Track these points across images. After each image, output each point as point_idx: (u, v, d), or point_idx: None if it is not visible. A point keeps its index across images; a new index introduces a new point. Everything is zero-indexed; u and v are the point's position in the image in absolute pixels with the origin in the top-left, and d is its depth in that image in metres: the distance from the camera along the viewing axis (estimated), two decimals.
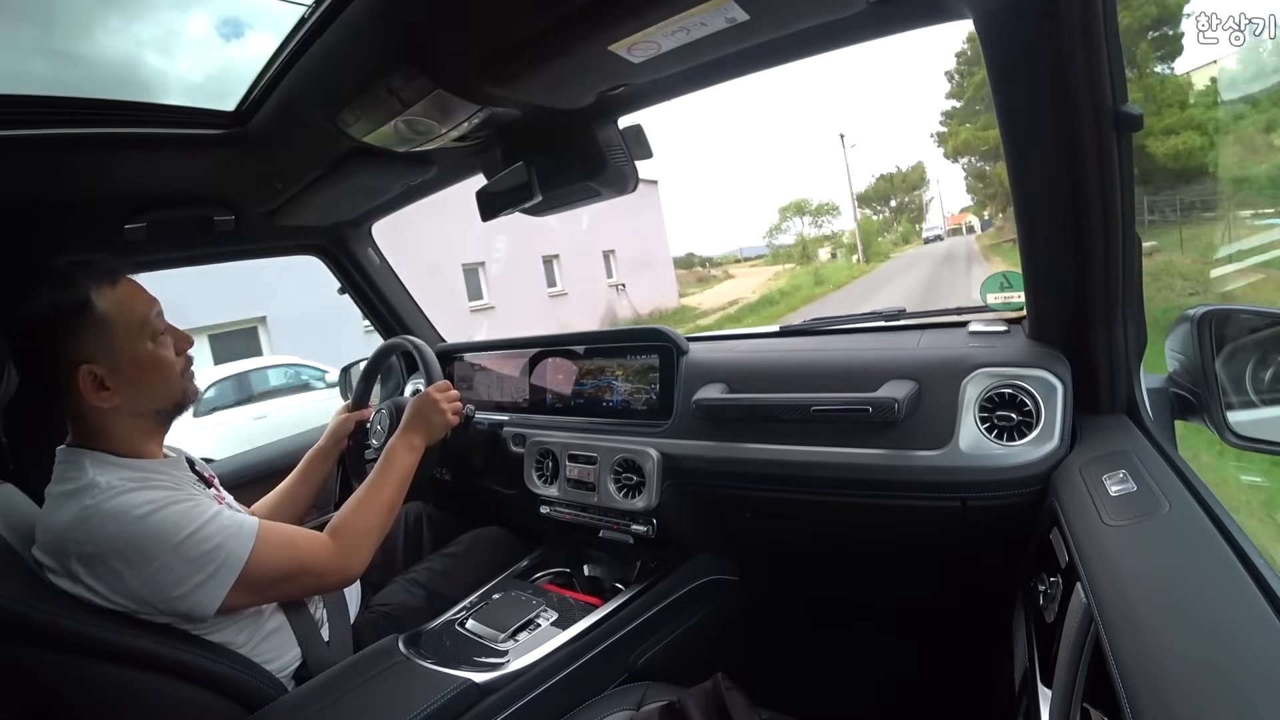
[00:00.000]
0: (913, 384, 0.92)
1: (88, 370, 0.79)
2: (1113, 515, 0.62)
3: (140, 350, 0.84)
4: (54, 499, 0.79)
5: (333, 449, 1.33)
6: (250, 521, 0.85)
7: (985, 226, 33.48)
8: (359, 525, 0.96)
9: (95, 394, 0.80)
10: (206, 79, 1.11)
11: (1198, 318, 0.79)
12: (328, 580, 0.94)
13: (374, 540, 0.97)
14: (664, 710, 0.82)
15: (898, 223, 37.61)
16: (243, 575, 0.80)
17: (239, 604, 0.82)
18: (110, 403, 0.81)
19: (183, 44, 1.44)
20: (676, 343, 1.22)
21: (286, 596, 0.93)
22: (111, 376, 0.81)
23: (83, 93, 0.87)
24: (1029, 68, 0.68)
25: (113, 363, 0.81)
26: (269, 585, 0.86)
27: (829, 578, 1.30)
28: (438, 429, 1.14)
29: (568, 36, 0.67)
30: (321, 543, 0.91)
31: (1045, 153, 0.73)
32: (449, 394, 1.18)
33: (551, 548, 1.37)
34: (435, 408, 1.14)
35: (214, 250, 1.41)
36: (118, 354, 0.82)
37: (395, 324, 1.75)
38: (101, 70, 1.06)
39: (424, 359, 1.28)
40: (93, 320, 0.80)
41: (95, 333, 0.80)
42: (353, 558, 0.93)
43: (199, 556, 0.78)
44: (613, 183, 0.98)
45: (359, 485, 1.35)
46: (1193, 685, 0.41)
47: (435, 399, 1.15)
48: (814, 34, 0.74)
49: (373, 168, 1.08)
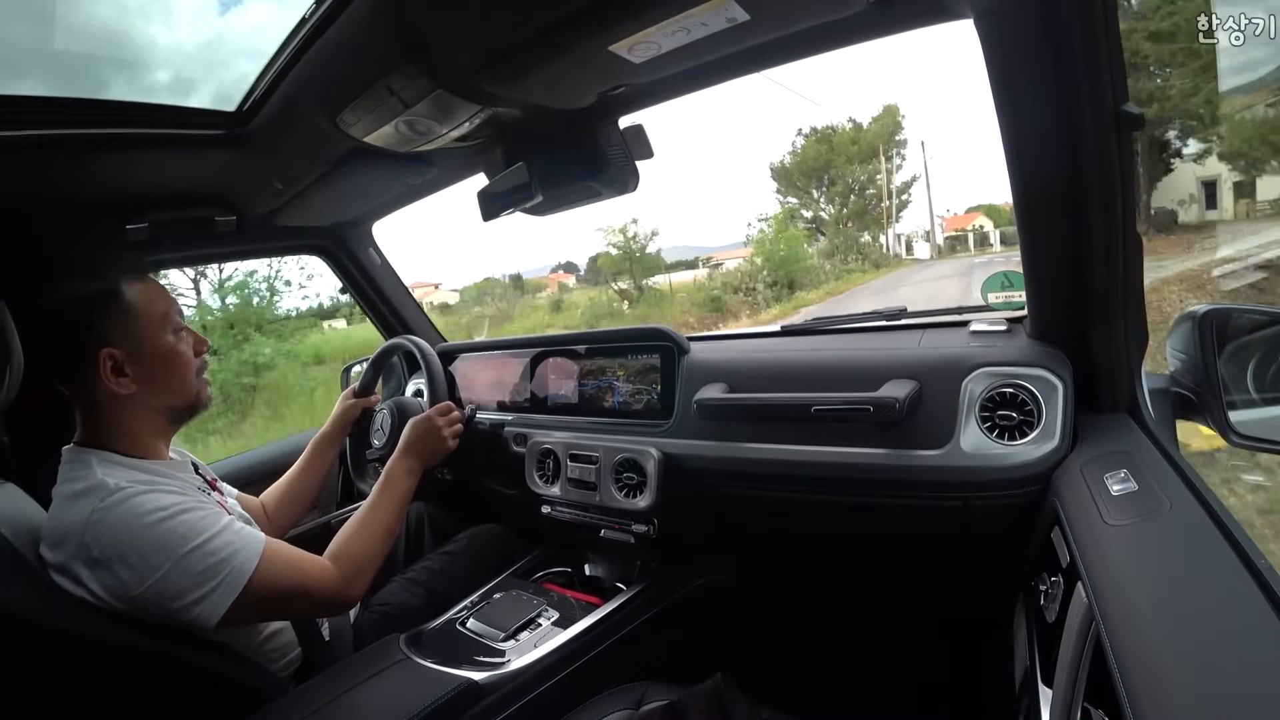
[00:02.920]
0: (914, 383, 0.92)
1: (109, 354, 0.81)
2: (1114, 515, 0.62)
3: (162, 341, 0.87)
4: (62, 499, 0.79)
5: (337, 436, 1.33)
6: (257, 538, 0.84)
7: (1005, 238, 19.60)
8: (360, 550, 0.95)
9: (114, 379, 0.82)
10: (198, 48, 1.11)
11: (1199, 317, 0.79)
12: (327, 606, 0.93)
13: (375, 566, 0.97)
14: (664, 710, 0.82)
15: (844, 227, 19.83)
16: (244, 592, 0.79)
17: (238, 620, 0.81)
18: (127, 390, 0.83)
19: (177, 12, 1.40)
20: (678, 342, 1.22)
21: (284, 617, 0.93)
22: (132, 364, 0.83)
23: (69, 59, 0.88)
24: (1029, 68, 0.68)
25: (135, 350, 0.83)
26: (269, 605, 0.85)
27: (829, 577, 1.30)
28: (437, 454, 1.14)
29: (568, 37, 0.67)
30: (324, 568, 0.90)
31: (1045, 153, 0.73)
32: (450, 417, 1.17)
33: (553, 547, 1.37)
34: (436, 434, 1.13)
35: (215, 250, 1.42)
36: (141, 342, 0.84)
37: (396, 323, 1.75)
38: (86, 37, 1.04)
39: (427, 362, 1.28)
40: (119, 308, 0.83)
41: (121, 320, 0.83)
42: (354, 584, 0.92)
43: (203, 570, 0.77)
44: (613, 182, 0.98)
45: (358, 480, 1.36)
46: (1194, 685, 0.41)
47: (436, 424, 1.14)
48: (814, 34, 0.75)
49: (374, 168, 1.09)
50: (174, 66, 1.04)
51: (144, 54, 1.04)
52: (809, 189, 20.92)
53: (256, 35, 0.86)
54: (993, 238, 21.98)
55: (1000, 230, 21.96)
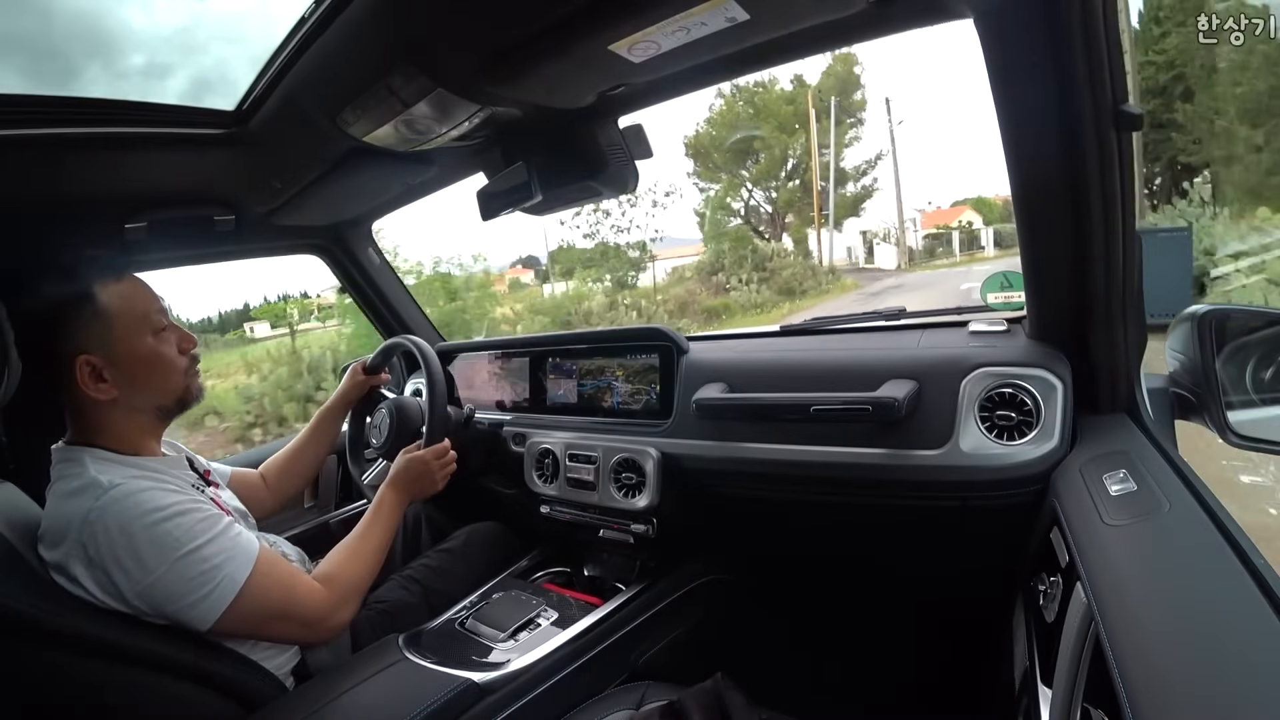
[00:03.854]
0: (913, 383, 0.92)
1: (85, 360, 0.80)
2: (1113, 515, 0.62)
3: (139, 345, 0.85)
4: (58, 497, 0.79)
5: (342, 410, 1.33)
6: (251, 546, 0.83)
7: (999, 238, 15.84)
8: (351, 575, 0.94)
9: (93, 385, 0.81)
10: (175, 33, 1.11)
11: (1198, 317, 0.79)
12: (314, 630, 0.89)
13: (362, 593, 0.96)
14: (664, 710, 0.82)
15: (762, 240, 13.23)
16: (237, 600, 0.79)
17: (229, 628, 0.80)
18: (108, 395, 0.82)
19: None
20: (677, 342, 1.22)
21: (268, 636, 0.88)
22: (110, 368, 0.82)
23: (39, 45, 0.87)
24: (1029, 68, 0.68)
25: (111, 355, 0.82)
26: (257, 617, 0.83)
27: (828, 577, 1.30)
28: (425, 493, 1.14)
29: (568, 36, 0.67)
30: (314, 588, 0.89)
31: (1045, 153, 0.73)
32: (444, 460, 1.15)
33: (552, 547, 1.37)
34: (429, 476, 1.13)
35: (214, 250, 1.41)
36: (116, 346, 0.83)
37: (395, 323, 1.74)
38: (60, 21, 1.03)
39: (426, 362, 1.27)
40: (93, 312, 0.81)
41: (95, 325, 0.81)
42: (342, 609, 0.91)
43: (196, 575, 0.77)
44: (613, 182, 0.98)
45: (354, 467, 1.35)
46: (1193, 685, 0.41)
47: (430, 467, 1.13)
48: (814, 33, 0.74)
49: (373, 167, 1.08)
50: (149, 51, 1.03)
51: (118, 39, 1.03)
52: (733, 169, 14.42)
53: (235, 23, 0.85)
54: (984, 238, 17.20)
55: (994, 229, 16.93)
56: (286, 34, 0.79)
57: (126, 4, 8.07)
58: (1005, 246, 16.23)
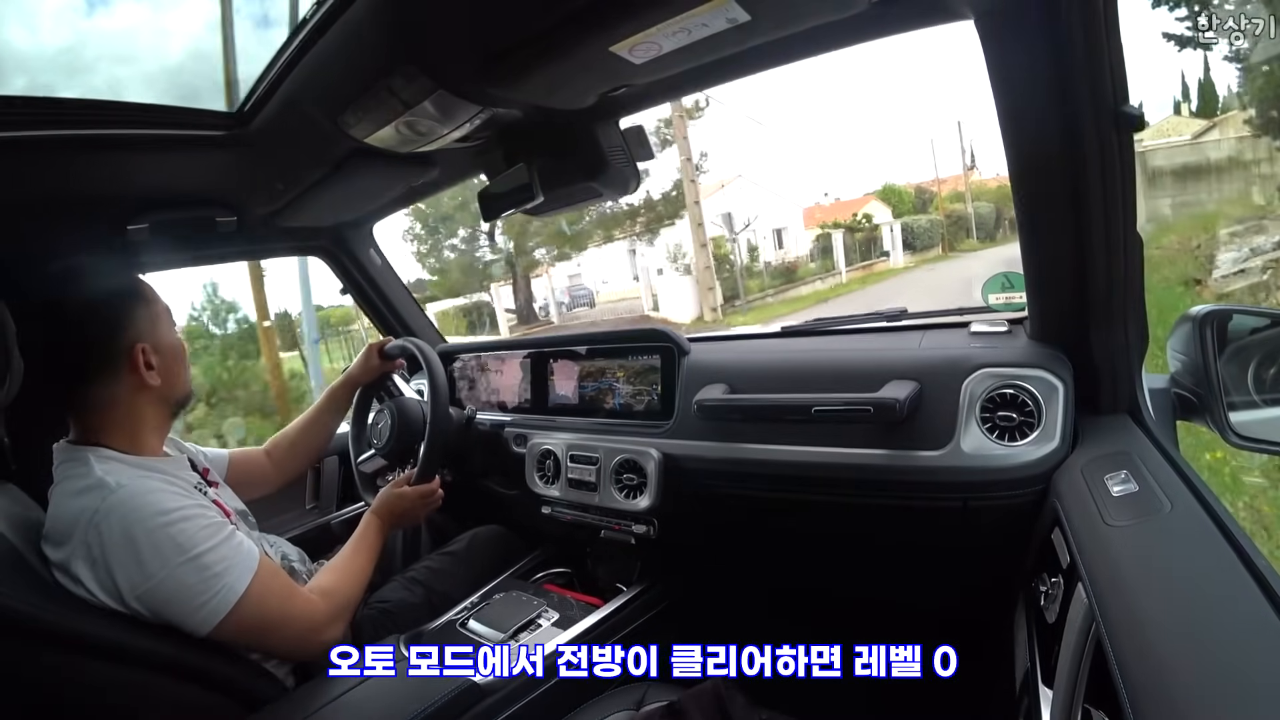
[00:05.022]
0: (914, 384, 0.92)
1: (142, 348, 0.85)
2: (1114, 515, 0.62)
3: (172, 335, 0.92)
4: (63, 496, 0.79)
5: (350, 389, 1.36)
6: (251, 555, 0.84)
7: (917, 240, 11.93)
8: (345, 591, 0.96)
9: (147, 372, 0.85)
10: (58, 53, 1.10)
11: (1200, 318, 0.79)
12: (308, 642, 0.88)
13: (353, 610, 0.98)
14: (664, 711, 0.82)
15: None
16: (236, 608, 0.79)
17: (227, 635, 0.80)
18: (155, 381, 0.86)
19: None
20: (678, 343, 1.22)
21: (263, 647, 0.87)
22: (157, 356, 0.87)
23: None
24: (1029, 68, 0.68)
25: (158, 344, 0.88)
26: (253, 629, 0.83)
27: (829, 578, 1.30)
28: (405, 525, 1.19)
29: (569, 37, 0.67)
30: (313, 602, 0.90)
31: (1046, 153, 0.73)
32: (430, 500, 1.17)
33: (553, 548, 1.37)
34: (411, 513, 1.16)
35: (216, 251, 1.41)
36: (161, 336, 0.89)
37: (397, 325, 1.75)
38: None
39: (428, 363, 1.27)
40: (144, 303, 0.88)
41: (147, 315, 0.88)
42: (334, 623, 0.91)
43: (196, 582, 0.77)
44: (614, 183, 0.98)
45: (356, 465, 1.36)
46: (1194, 686, 0.41)
47: (415, 506, 1.15)
48: (815, 34, 0.74)
49: (374, 169, 1.09)
50: (30, 73, 1.04)
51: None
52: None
53: (125, 41, 0.86)
54: (888, 239, 12.48)
55: (903, 222, 12.34)
56: (287, 35, 0.79)
57: (8, 24, 7.48)
58: (919, 251, 12.34)
